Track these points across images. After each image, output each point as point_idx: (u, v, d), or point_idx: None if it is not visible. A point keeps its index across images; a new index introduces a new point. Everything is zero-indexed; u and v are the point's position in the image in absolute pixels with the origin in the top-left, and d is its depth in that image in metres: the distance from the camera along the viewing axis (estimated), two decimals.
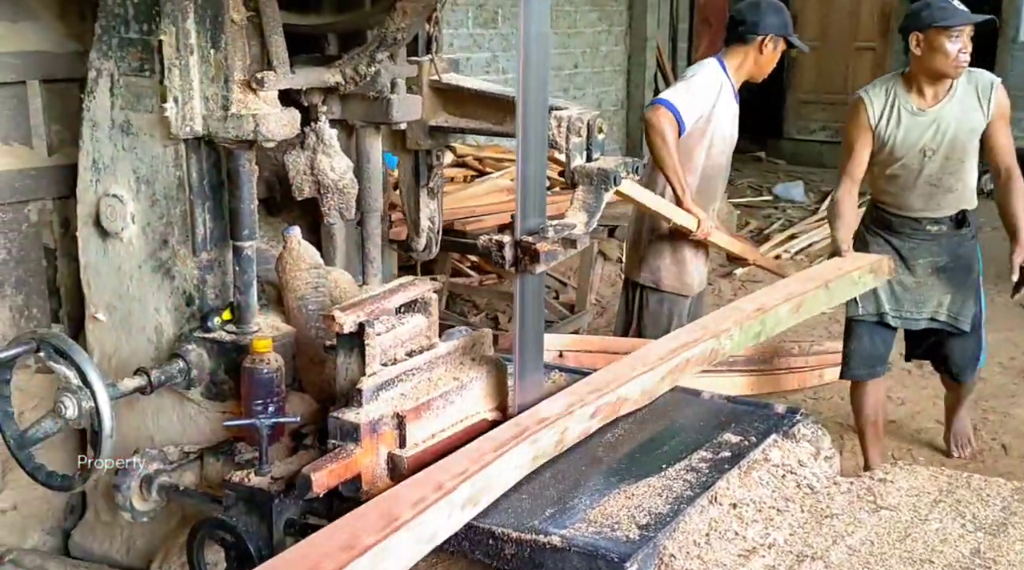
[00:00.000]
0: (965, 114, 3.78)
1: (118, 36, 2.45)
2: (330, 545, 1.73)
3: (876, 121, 3.84)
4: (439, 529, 1.88)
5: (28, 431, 2.24)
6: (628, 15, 10.81)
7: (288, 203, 2.90)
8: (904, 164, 3.85)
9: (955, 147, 3.80)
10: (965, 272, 4.00)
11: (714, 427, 2.46)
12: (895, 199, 3.96)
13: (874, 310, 4.00)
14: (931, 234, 3.95)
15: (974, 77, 3.82)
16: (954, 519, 2.18)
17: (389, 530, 1.77)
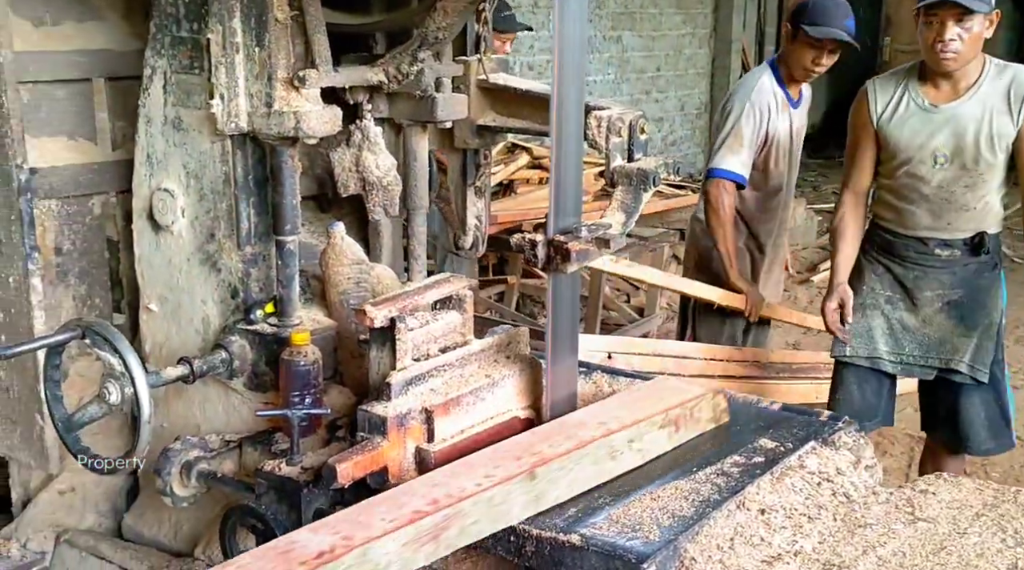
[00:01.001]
0: (988, 116, 3.18)
1: (170, 35, 2.52)
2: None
3: (879, 116, 3.28)
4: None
5: (75, 415, 2.32)
6: (713, 18, 10.72)
7: (339, 200, 2.95)
8: (909, 170, 3.27)
9: (973, 156, 3.20)
10: (983, 312, 3.32)
11: (750, 432, 2.42)
12: (898, 215, 3.34)
13: (866, 352, 3.38)
14: (941, 260, 3.30)
15: (1008, 73, 3.22)
16: (994, 534, 2.11)
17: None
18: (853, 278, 3.44)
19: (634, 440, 2.22)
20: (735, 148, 3.89)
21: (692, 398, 2.37)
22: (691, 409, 2.36)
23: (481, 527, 1.94)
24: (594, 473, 2.14)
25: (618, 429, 2.20)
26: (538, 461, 2.05)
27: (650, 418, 2.26)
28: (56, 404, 2.33)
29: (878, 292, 3.41)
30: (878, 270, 3.40)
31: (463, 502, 1.90)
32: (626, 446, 2.20)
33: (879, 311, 3.39)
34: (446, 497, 1.91)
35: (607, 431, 2.19)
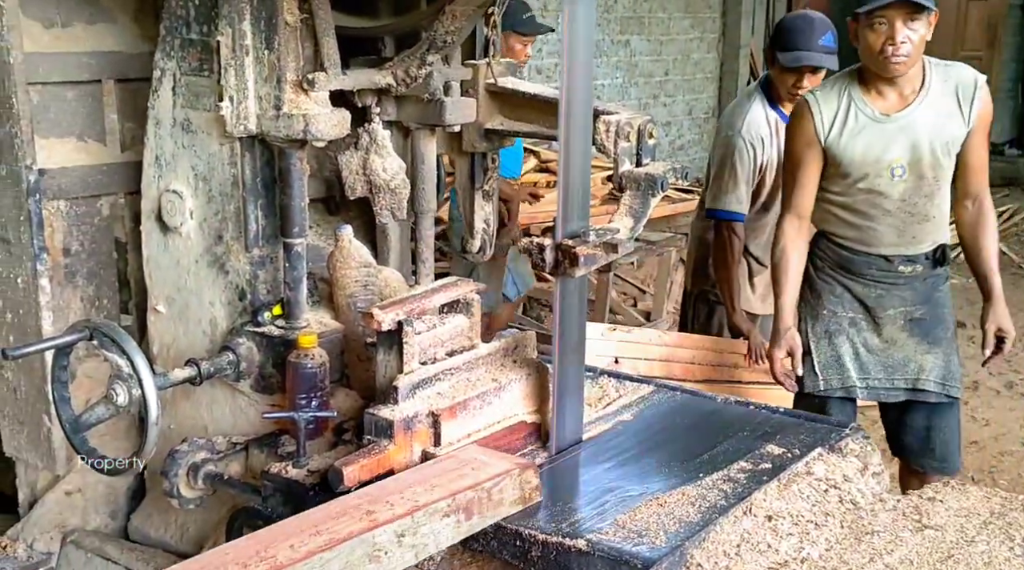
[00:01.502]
0: (941, 121, 3.00)
1: (180, 37, 2.53)
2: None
3: (827, 133, 3.03)
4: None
5: (82, 416, 2.32)
6: (722, 23, 10.71)
7: (347, 202, 2.95)
8: (867, 186, 3.05)
9: (930, 163, 3.02)
10: (943, 324, 3.19)
11: (758, 438, 2.42)
12: (859, 233, 3.12)
13: (839, 383, 3.17)
14: (904, 276, 3.12)
15: (953, 74, 3.04)
16: (1002, 542, 2.10)
17: None
18: (810, 303, 3.25)
19: (405, 534, 1.84)
20: (731, 187, 3.80)
21: (494, 477, 2.01)
22: (489, 491, 1.98)
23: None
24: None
25: (387, 520, 1.83)
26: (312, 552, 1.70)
27: (432, 503, 1.89)
28: (64, 405, 2.33)
29: (840, 315, 3.20)
30: (836, 291, 3.19)
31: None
32: (394, 543, 1.83)
33: (844, 336, 3.20)
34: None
35: (372, 523, 1.81)
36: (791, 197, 3.14)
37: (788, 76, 3.69)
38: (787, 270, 3.11)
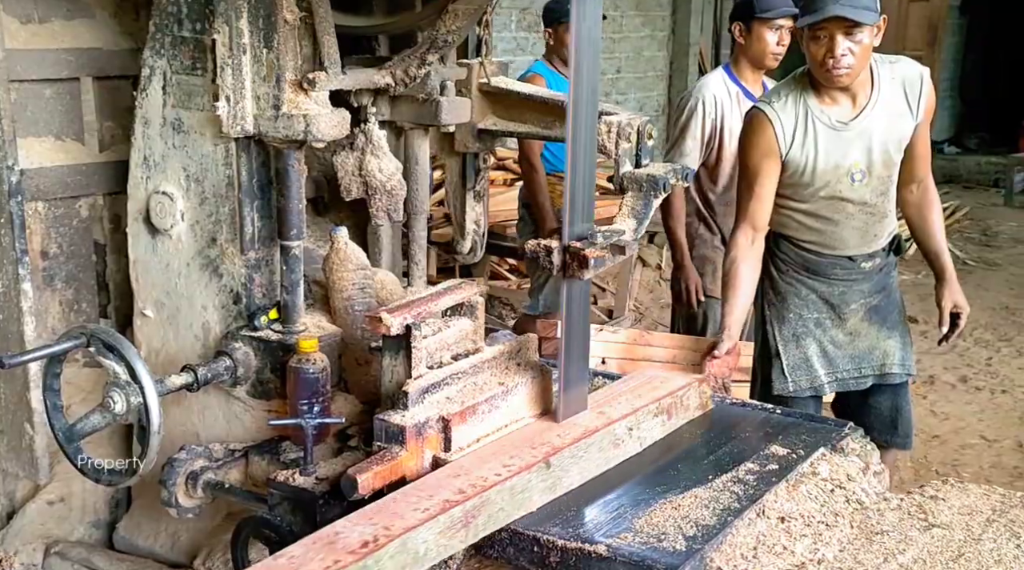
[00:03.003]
0: (893, 120, 3.02)
1: (171, 34, 2.47)
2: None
3: (788, 144, 2.99)
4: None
5: (76, 425, 2.25)
6: (672, 20, 10.77)
7: (336, 203, 2.91)
8: (829, 192, 3.05)
9: (884, 161, 3.04)
10: (896, 308, 3.27)
11: (760, 438, 2.43)
12: (823, 237, 3.13)
13: (808, 384, 3.21)
14: (864, 272, 3.18)
15: (899, 71, 3.03)
16: (1008, 540, 2.13)
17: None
18: (776, 305, 3.25)
19: (633, 428, 2.33)
20: (679, 142, 4.02)
21: (681, 387, 2.49)
22: (680, 398, 2.47)
23: (507, 514, 1.99)
24: (601, 460, 2.23)
25: (618, 418, 2.30)
26: (551, 450, 2.13)
27: (645, 407, 2.37)
28: (56, 414, 2.26)
29: (806, 317, 3.22)
30: (802, 293, 3.20)
31: (488, 491, 1.95)
32: (627, 434, 2.31)
33: (811, 337, 3.22)
34: (471, 487, 1.96)
35: (609, 420, 2.29)
36: (746, 208, 3.09)
37: (770, 37, 3.80)
38: (736, 284, 3.05)
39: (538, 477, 2.07)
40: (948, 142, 12.36)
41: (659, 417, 2.40)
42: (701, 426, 2.50)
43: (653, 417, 2.38)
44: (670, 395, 2.45)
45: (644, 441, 2.35)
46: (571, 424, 2.27)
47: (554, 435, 2.21)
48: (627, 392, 2.46)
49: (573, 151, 2.20)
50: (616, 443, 2.28)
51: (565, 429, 2.24)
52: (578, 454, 2.17)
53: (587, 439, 2.21)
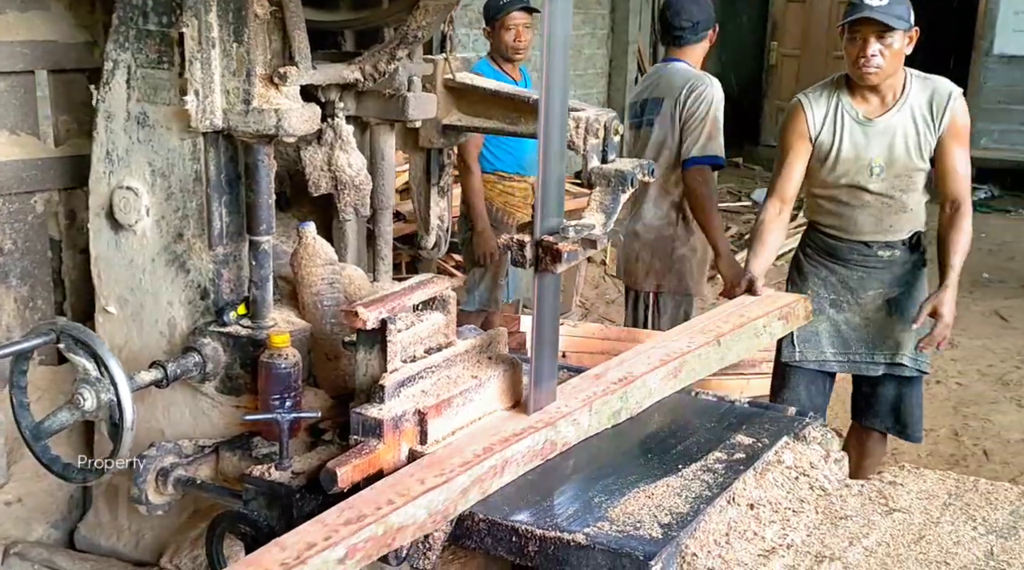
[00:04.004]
0: (915, 126, 3.33)
1: (136, 28, 2.44)
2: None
3: (817, 130, 3.38)
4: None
5: (44, 422, 2.22)
6: (611, 19, 10.87)
7: (298, 199, 2.90)
8: (849, 181, 3.39)
9: (905, 163, 3.35)
10: (916, 305, 3.45)
11: (726, 428, 2.49)
12: (841, 221, 3.47)
13: (815, 356, 3.49)
14: (883, 261, 3.45)
15: (931, 85, 3.36)
16: (965, 522, 2.22)
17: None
18: (796, 283, 3.56)
19: (767, 325, 2.91)
20: (715, 133, 4.11)
21: (794, 300, 3.11)
22: (794, 308, 3.04)
23: (697, 372, 2.65)
24: (748, 347, 2.88)
25: (755, 317, 2.90)
26: (718, 334, 2.75)
27: (771, 313, 2.96)
28: (23, 411, 2.23)
29: (823, 296, 3.51)
30: (821, 274, 3.51)
31: (687, 356, 2.60)
32: (763, 328, 2.90)
33: (824, 315, 3.49)
34: (672, 353, 2.60)
35: (749, 318, 2.89)
36: (775, 183, 3.48)
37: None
38: (763, 241, 3.41)
39: (713, 351, 2.67)
40: None
41: (782, 320, 3.00)
42: (669, 417, 2.54)
43: (778, 320, 2.98)
44: (788, 305, 3.04)
45: (774, 338, 3.04)
46: (723, 319, 2.89)
47: (714, 324, 2.83)
48: (750, 305, 3.03)
49: (545, 147, 2.23)
50: (757, 334, 2.88)
51: (718, 322, 2.85)
52: (736, 338, 2.78)
53: (740, 329, 2.81)
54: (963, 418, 5.24)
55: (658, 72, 4.35)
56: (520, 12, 4.66)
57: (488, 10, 4.76)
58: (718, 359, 2.71)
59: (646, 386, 2.47)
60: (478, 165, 4.71)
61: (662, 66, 4.36)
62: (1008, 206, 10.74)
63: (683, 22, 4.24)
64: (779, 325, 2.99)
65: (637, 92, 4.42)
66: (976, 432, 5.10)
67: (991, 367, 6.04)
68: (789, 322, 3.03)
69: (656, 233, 4.27)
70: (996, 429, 5.11)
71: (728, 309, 3.01)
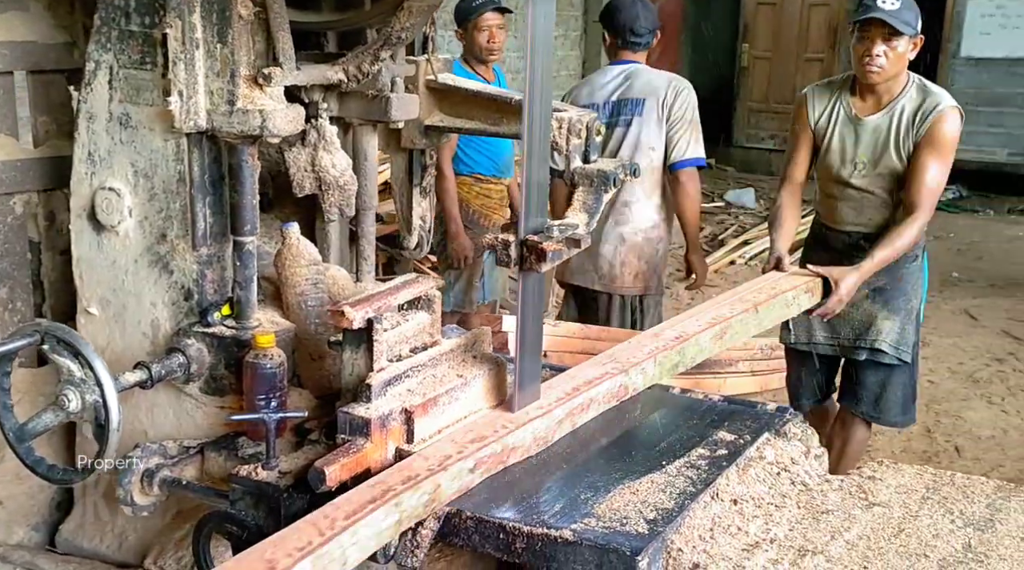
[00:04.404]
0: (898, 129, 3.46)
1: (118, 28, 2.44)
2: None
3: (816, 121, 3.60)
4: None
5: (28, 424, 2.21)
6: (583, 21, 10.92)
7: (280, 199, 2.91)
8: (836, 173, 3.58)
9: (886, 162, 3.49)
10: (903, 298, 3.60)
11: (708, 425, 2.51)
12: (828, 210, 3.68)
13: (805, 338, 3.70)
14: (865, 251, 3.49)
15: (926, 95, 3.47)
16: (943, 515, 2.26)
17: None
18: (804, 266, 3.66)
19: (796, 297, 3.18)
20: (699, 136, 4.23)
21: (815, 276, 3.32)
22: (815, 285, 3.30)
23: (739, 334, 2.92)
24: (781, 314, 3.18)
25: (785, 290, 3.15)
26: (755, 303, 2.99)
27: (797, 288, 3.22)
28: (6, 413, 2.22)
29: None
30: (814, 260, 3.59)
31: (730, 320, 2.85)
32: (793, 300, 3.17)
33: None
34: (716, 318, 2.84)
35: (780, 291, 3.15)
36: (785, 169, 3.74)
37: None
38: (781, 220, 3.63)
39: (751, 317, 2.93)
40: None
41: (808, 294, 3.25)
42: (652, 414, 2.57)
43: (804, 293, 3.24)
44: (811, 281, 3.30)
45: (801, 309, 3.24)
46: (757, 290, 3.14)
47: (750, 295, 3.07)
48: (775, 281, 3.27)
49: (528, 148, 2.25)
50: (787, 305, 3.15)
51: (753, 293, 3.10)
52: (771, 306, 3.02)
53: (774, 300, 3.06)
54: (935, 415, 5.30)
55: (626, 73, 4.35)
56: (493, 13, 4.67)
57: (460, 12, 4.76)
58: (756, 324, 2.99)
59: (698, 344, 2.73)
60: (451, 169, 4.72)
61: (627, 68, 4.35)
62: (976, 206, 10.88)
63: (642, 28, 4.32)
64: (806, 298, 3.25)
65: (605, 91, 4.39)
66: (948, 429, 5.16)
67: (961, 365, 6.11)
68: (814, 295, 3.28)
69: (644, 236, 4.28)
70: (967, 426, 5.18)
71: (761, 283, 3.27)
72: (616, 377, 2.49)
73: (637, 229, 4.29)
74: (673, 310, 6.30)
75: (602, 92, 4.33)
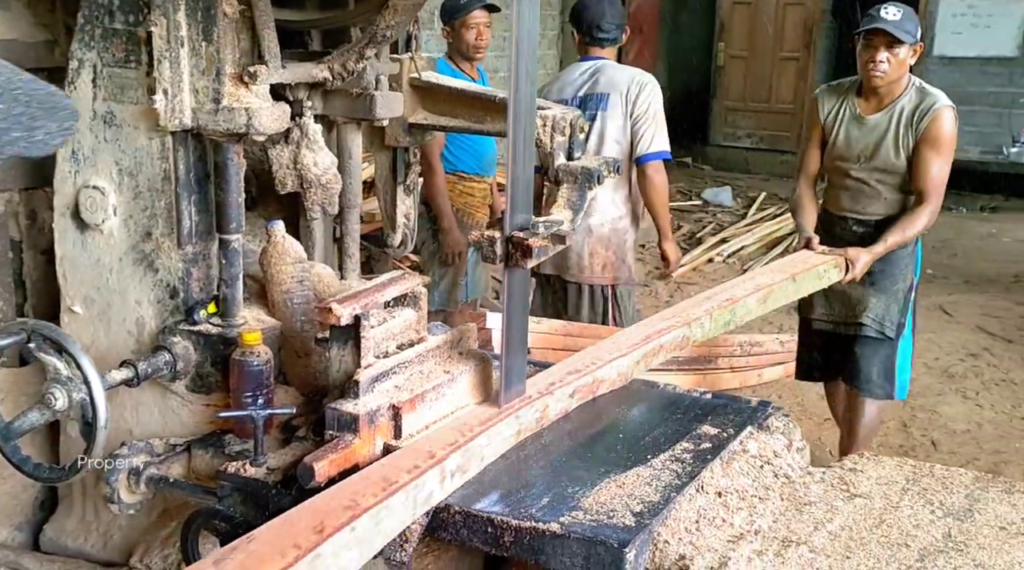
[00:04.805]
0: (897, 129, 3.79)
1: (102, 27, 2.43)
2: (333, 505, 1.87)
3: (825, 118, 3.98)
4: (433, 493, 2.05)
5: (13, 423, 2.21)
6: (560, 20, 10.94)
7: (264, 198, 2.91)
8: (839, 164, 3.95)
9: (884, 158, 3.82)
10: (891, 280, 3.94)
11: (692, 419, 2.54)
12: (831, 197, 4.06)
13: (807, 313, 4.12)
14: (858, 236, 3.90)
15: (924, 96, 3.80)
16: (923, 506, 2.29)
17: (387, 493, 1.92)
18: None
19: (827, 271, 3.65)
20: (663, 130, 4.32)
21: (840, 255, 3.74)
22: (841, 262, 3.70)
23: (779, 300, 3.33)
24: (815, 284, 3.63)
25: (817, 264, 3.63)
26: (793, 273, 3.49)
27: (827, 262, 3.67)
28: None
29: None
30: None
31: (772, 287, 3.27)
32: (824, 273, 3.63)
33: None
34: (759, 285, 3.28)
35: (813, 265, 3.63)
36: (800, 161, 4.15)
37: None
38: (801, 205, 4.07)
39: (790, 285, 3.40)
40: None
41: (838, 268, 3.69)
42: (636, 409, 2.59)
43: (834, 268, 3.66)
44: (840, 257, 3.72)
45: (831, 281, 3.67)
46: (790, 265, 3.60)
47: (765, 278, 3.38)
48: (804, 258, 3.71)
49: (513, 145, 2.26)
50: (819, 277, 3.59)
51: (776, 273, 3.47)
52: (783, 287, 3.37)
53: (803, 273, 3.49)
54: (911, 410, 5.35)
55: (593, 68, 4.40)
56: (481, 11, 4.70)
57: (448, 9, 4.78)
58: (794, 291, 3.47)
59: (746, 306, 3.13)
60: (441, 165, 4.74)
61: (594, 64, 4.41)
62: (950, 204, 10.92)
63: (608, 24, 4.40)
64: (835, 272, 3.66)
65: (573, 87, 4.43)
66: (924, 423, 5.22)
67: (936, 360, 6.18)
68: (840, 271, 3.70)
69: (611, 226, 4.35)
70: (943, 420, 5.24)
71: (796, 258, 3.72)
72: (679, 329, 2.85)
73: (604, 220, 4.36)
74: (652, 308, 6.35)
75: (570, 88, 4.41)
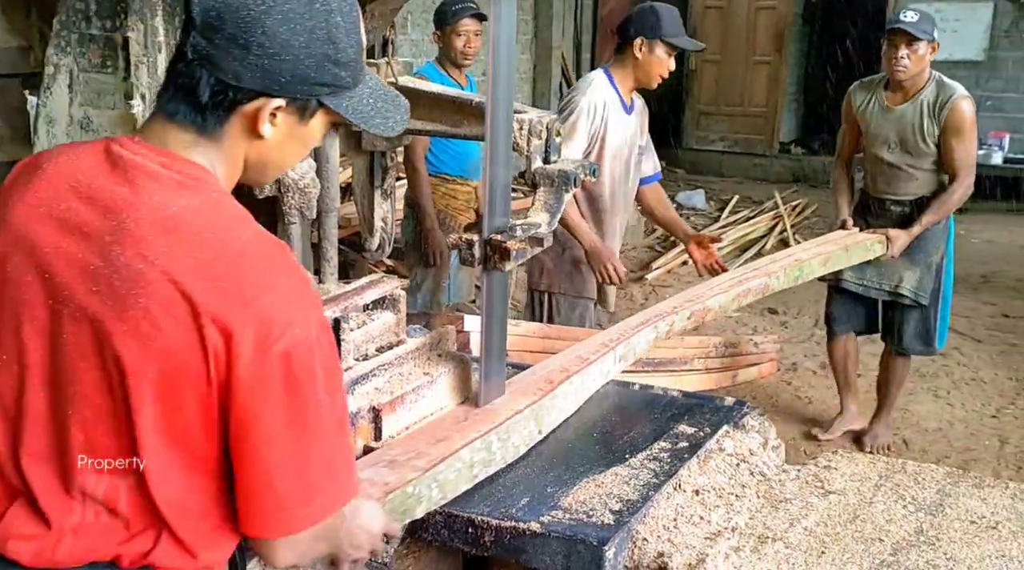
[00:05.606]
0: (920, 118, 4.28)
1: (78, 32, 2.43)
2: (531, 380, 2.48)
3: (857, 109, 4.48)
4: (609, 370, 2.67)
5: None
6: (534, 24, 10.99)
7: (241, 202, 2.91)
8: (873, 150, 4.47)
9: (912, 144, 4.33)
10: (924, 253, 4.46)
11: (669, 419, 2.57)
12: (868, 180, 4.59)
13: (833, 276, 4.53)
14: (895, 214, 4.46)
15: (943, 87, 4.28)
16: (896, 501, 2.34)
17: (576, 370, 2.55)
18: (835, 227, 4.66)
19: (872, 245, 4.24)
20: (569, 139, 3.92)
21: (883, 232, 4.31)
22: (883, 238, 4.27)
23: (836, 264, 4.10)
24: (863, 255, 4.27)
25: (864, 239, 4.29)
26: (844, 245, 4.19)
27: (872, 238, 4.27)
28: None
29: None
30: (859, 223, 4.53)
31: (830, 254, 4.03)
32: (870, 246, 4.26)
33: None
34: (820, 252, 4.05)
35: (859, 240, 4.28)
36: (839, 149, 4.72)
37: (666, 62, 4.06)
38: (839, 188, 4.66)
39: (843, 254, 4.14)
40: (795, 143, 12.92)
41: (881, 245, 4.26)
42: (614, 410, 2.62)
43: (877, 244, 4.23)
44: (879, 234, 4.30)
45: (873, 256, 4.26)
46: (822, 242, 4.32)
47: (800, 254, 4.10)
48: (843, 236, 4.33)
49: (492, 148, 2.29)
50: (867, 249, 4.21)
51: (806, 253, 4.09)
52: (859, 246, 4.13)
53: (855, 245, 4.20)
54: None
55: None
56: (471, 19, 4.72)
57: (440, 15, 4.81)
58: (846, 260, 4.14)
59: (811, 266, 3.91)
60: (425, 167, 4.75)
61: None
62: None
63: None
64: (879, 246, 4.23)
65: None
66: (896, 422, 5.27)
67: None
68: (883, 246, 4.24)
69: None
70: (915, 419, 5.30)
71: (830, 238, 4.32)
72: (761, 278, 3.53)
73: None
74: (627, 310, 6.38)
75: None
